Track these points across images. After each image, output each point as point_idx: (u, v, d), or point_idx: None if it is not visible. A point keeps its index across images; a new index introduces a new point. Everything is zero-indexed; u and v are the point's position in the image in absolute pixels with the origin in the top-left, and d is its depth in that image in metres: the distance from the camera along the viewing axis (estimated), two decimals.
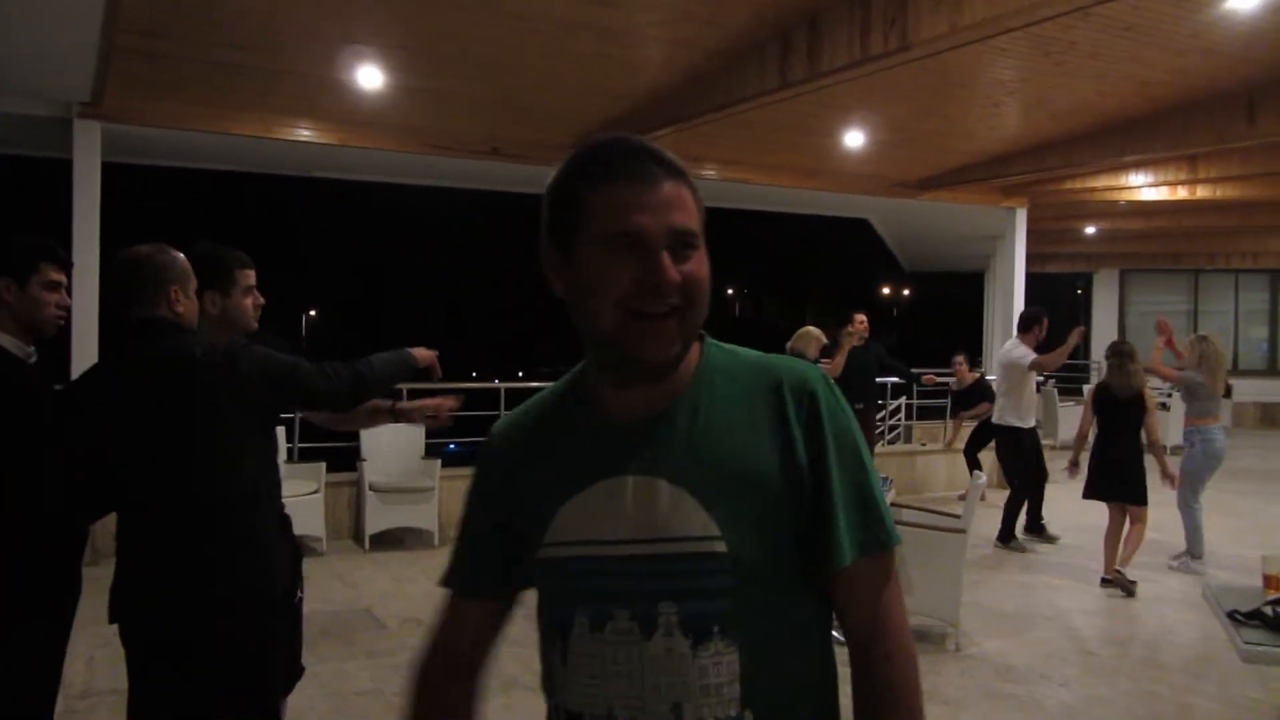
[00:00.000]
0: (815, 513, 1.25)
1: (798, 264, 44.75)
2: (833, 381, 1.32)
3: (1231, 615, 3.23)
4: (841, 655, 1.34)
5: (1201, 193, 11.42)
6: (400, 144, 8.81)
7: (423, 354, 3.00)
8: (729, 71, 7.04)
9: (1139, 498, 6.84)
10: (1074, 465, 7.21)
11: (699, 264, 1.23)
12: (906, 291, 43.18)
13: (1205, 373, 7.42)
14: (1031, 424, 8.26)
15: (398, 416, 3.21)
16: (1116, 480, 6.90)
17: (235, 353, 2.54)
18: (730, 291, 54.72)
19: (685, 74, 7.32)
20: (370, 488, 7.77)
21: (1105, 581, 6.82)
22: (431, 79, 7.50)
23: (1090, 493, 7.04)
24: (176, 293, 2.62)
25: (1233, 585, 3.86)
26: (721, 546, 1.20)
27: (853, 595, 1.29)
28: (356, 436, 8.09)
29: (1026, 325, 8.28)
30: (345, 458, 8.24)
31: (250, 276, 2.99)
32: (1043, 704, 4.81)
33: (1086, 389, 7.29)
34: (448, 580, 1.42)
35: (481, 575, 1.38)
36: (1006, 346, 8.43)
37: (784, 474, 1.24)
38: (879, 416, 12.75)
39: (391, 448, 8.17)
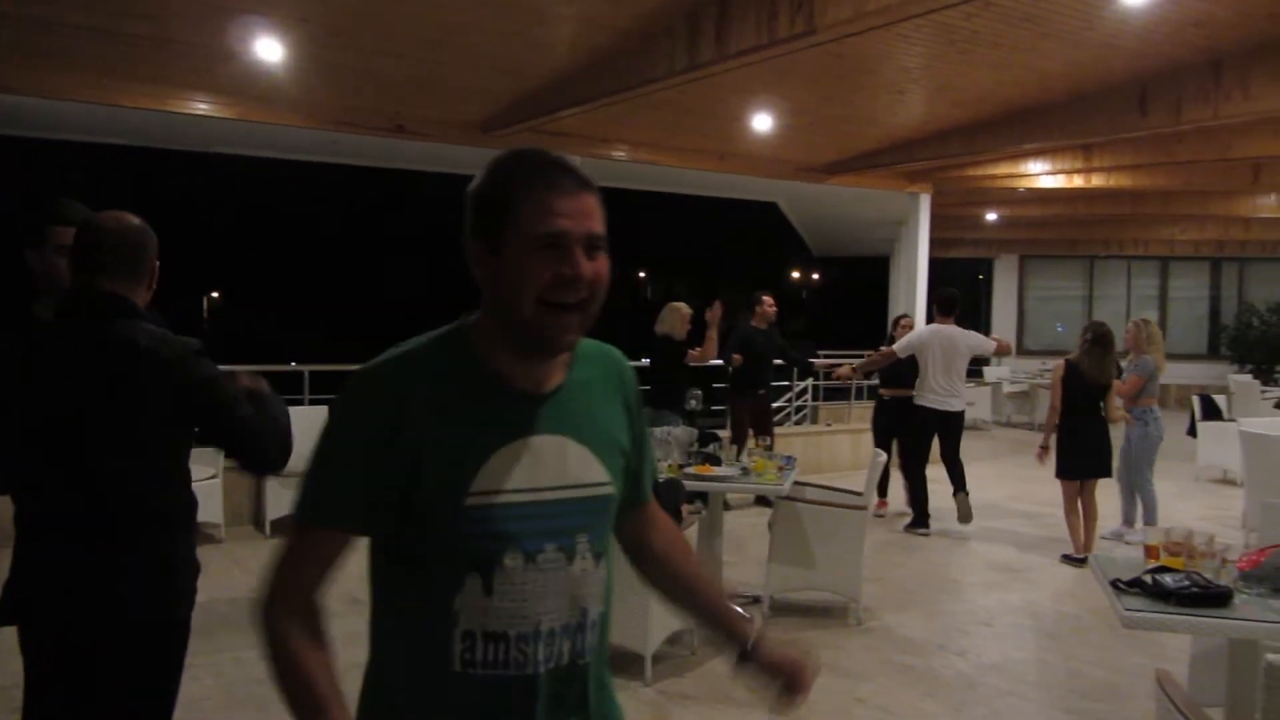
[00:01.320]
0: (638, 465, 1.68)
1: (708, 247, 45.04)
2: None
3: (1114, 584, 3.35)
4: None
5: (1096, 181, 11.82)
6: (302, 119, 8.60)
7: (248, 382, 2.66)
8: (637, 52, 7.03)
9: (1109, 471, 7.21)
10: (1046, 449, 7.30)
11: (604, 265, 1.46)
12: (815, 275, 43.79)
13: (1154, 353, 7.71)
14: None
15: None
16: (1093, 458, 7.11)
17: (185, 356, 2.37)
18: (642, 275, 54.70)
19: (593, 54, 7.28)
20: None
21: (1075, 560, 7.02)
22: (334, 53, 7.33)
23: (1070, 473, 7.12)
24: (156, 269, 2.50)
25: (1116, 556, 4.02)
26: (611, 490, 1.56)
27: (642, 515, 1.77)
28: None
29: (952, 306, 8.18)
30: None
31: (64, 235, 2.69)
32: (940, 674, 4.94)
33: (1055, 366, 7.31)
34: (310, 512, 1.48)
35: (349, 505, 1.45)
36: (955, 332, 8.09)
37: (629, 436, 1.63)
38: (785, 398, 12.94)
39: (295, 430, 7.99)
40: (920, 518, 8.12)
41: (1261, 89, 7.09)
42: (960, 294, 8.42)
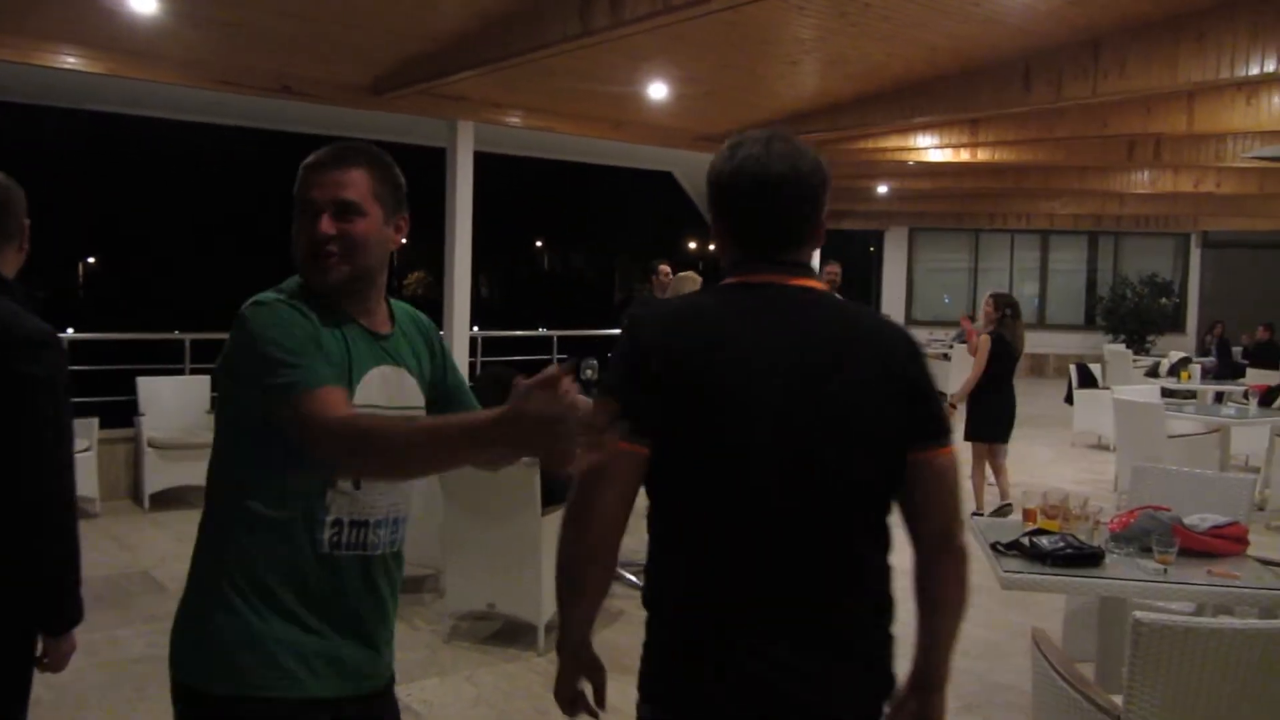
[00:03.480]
0: (454, 385, 2.09)
1: (606, 217, 44.93)
2: None
3: (994, 546, 3.46)
4: None
5: (982, 155, 12.10)
6: (182, 77, 8.22)
7: None
8: (531, 16, 6.90)
9: (1009, 437, 7.74)
10: (954, 408, 7.70)
11: (359, 226, 1.81)
12: (713, 246, 44.15)
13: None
14: None
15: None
16: (1000, 424, 7.60)
17: (19, 344, 2.16)
18: (539, 244, 54.34)
19: (486, 16, 7.13)
20: (150, 444, 7.32)
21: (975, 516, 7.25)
22: (215, 8, 7.00)
23: (979, 435, 7.59)
24: (27, 229, 2.32)
25: (996, 520, 4.15)
26: (424, 411, 1.97)
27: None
28: (133, 389, 7.61)
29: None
30: (121, 413, 7.74)
31: None
32: None
33: (981, 340, 7.62)
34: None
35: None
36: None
37: (432, 370, 2.04)
38: None
39: (174, 402, 7.73)
40: None
41: (1136, 68, 7.34)
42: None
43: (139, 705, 4.10)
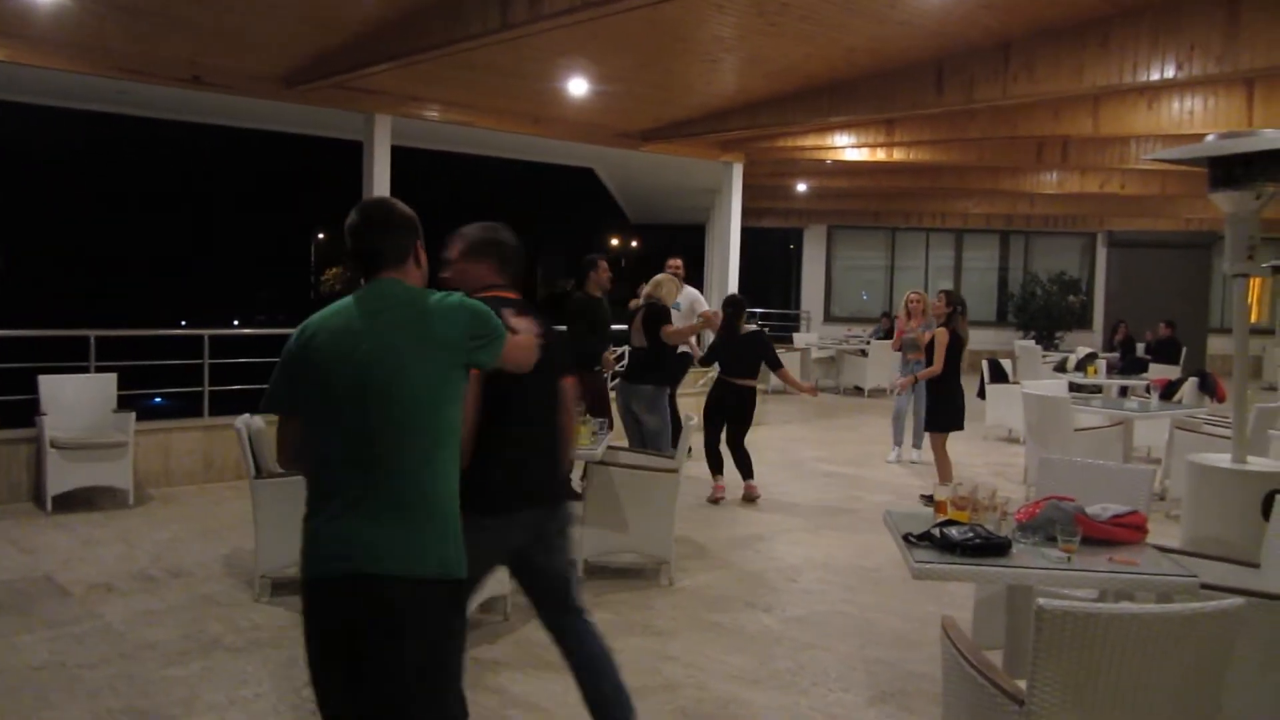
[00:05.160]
0: None
1: (526, 212, 44.64)
2: None
3: (906, 538, 3.52)
4: None
5: (898, 155, 12.34)
6: (86, 66, 7.96)
7: None
8: (450, 9, 6.84)
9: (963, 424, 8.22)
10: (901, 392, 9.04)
11: None
12: (635, 243, 44.11)
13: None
14: None
15: None
16: (963, 412, 8.09)
17: None
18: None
19: (405, 9, 7.04)
20: (52, 444, 7.07)
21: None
22: None
23: (952, 427, 8.04)
24: None
25: (910, 512, 4.23)
26: None
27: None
28: (34, 387, 7.34)
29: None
30: (20, 412, 7.46)
31: None
32: (745, 629, 5.10)
33: (938, 334, 7.84)
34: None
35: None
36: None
37: None
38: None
39: (77, 401, 7.47)
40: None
41: (1045, 72, 7.56)
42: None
43: (41, 713, 3.95)
